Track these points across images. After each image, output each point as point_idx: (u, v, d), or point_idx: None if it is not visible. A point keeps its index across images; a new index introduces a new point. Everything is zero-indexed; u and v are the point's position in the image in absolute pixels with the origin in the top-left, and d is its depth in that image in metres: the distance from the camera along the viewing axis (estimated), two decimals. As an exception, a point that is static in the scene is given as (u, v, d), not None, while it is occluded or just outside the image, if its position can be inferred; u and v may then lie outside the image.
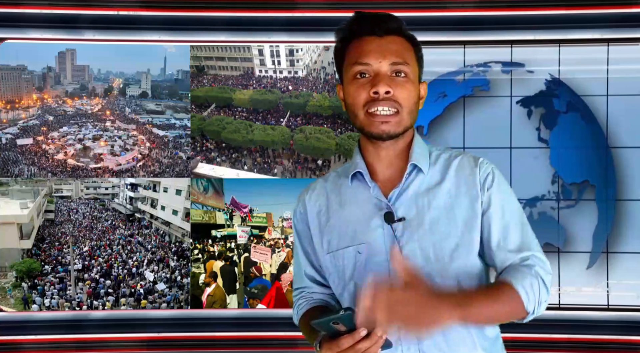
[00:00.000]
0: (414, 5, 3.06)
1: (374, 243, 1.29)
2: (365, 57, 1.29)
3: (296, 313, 1.49)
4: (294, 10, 3.13)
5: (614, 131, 3.09)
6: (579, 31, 3.07)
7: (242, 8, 3.13)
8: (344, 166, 1.43)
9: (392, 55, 1.28)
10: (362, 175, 1.34)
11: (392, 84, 1.26)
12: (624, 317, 3.08)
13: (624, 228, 3.09)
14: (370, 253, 1.28)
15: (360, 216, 1.31)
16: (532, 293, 1.22)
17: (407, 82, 1.29)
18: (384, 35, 1.30)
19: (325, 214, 1.38)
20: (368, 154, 1.36)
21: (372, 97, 1.27)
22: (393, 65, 1.28)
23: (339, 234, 1.34)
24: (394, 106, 1.26)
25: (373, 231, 1.29)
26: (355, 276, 1.30)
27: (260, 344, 3.15)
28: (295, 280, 1.52)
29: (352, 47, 1.33)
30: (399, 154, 1.34)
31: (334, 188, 1.39)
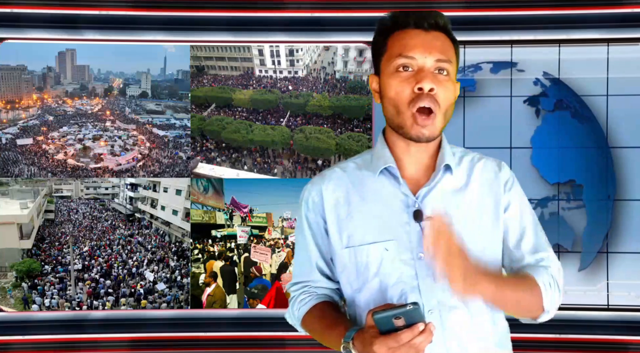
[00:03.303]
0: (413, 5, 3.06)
1: (402, 240, 1.26)
2: (411, 51, 1.24)
3: (297, 308, 1.42)
4: (294, 10, 3.13)
5: (614, 131, 3.09)
6: (579, 31, 3.07)
7: (242, 8, 3.13)
8: (363, 158, 1.38)
9: (437, 51, 1.25)
10: (389, 170, 1.31)
11: (436, 82, 1.23)
12: (624, 317, 3.08)
13: (624, 228, 3.09)
14: (398, 251, 1.25)
15: (387, 212, 1.28)
16: (550, 291, 1.27)
17: (449, 81, 1.26)
18: (430, 30, 1.27)
19: (344, 207, 1.32)
20: (398, 150, 1.32)
21: (416, 94, 1.23)
22: (437, 62, 1.24)
23: (362, 229, 1.29)
24: (434, 104, 1.23)
25: (400, 229, 1.26)
26: (380, 273, 1.27)
27: (260, 344, 3.15)
28: (299, 273, 1.45)
29: (396, 38, 1.29)
30: (429, 152, 1.32)
31: (354, 180, 1.34)
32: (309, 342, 3.15)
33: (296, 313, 1.42)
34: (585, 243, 3.09)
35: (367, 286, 1.29)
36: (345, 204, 1.33)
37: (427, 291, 1.23)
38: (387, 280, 1.26)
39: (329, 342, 1.29)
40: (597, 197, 3.09)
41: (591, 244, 3.09)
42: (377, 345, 1.08)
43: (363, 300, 1.30)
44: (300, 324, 1.42)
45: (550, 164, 3.10)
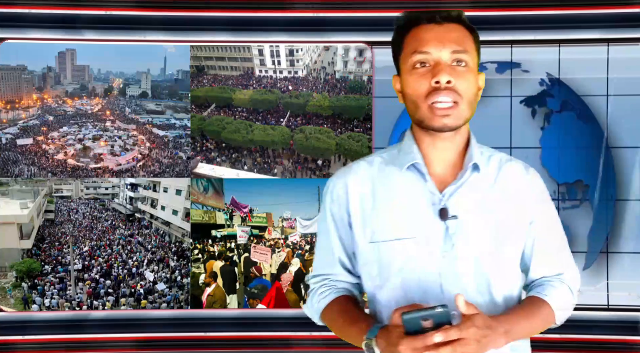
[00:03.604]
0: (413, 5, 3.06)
1: (426, 238, 1.25)
2: (425, 46, 1.24)
3: (317, 301, 1.38)
4: (294, 10, 3.13)
5: (614, 131, 3.09)
6: (579, 31, 3.07)
7: (242, 8, 3.13)
8: (390, 153, 1.37)
9: (452, 43, 1.24)
10: (416, 167, 1.30)
11: (453, 74, 1.22)
12: (624, 317, 3.08)
13: (624, 228, 3.09)
14: (422, 248, 1.25)
15: (412, 209, 1.27)
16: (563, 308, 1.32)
17: (468, 71, 1.25)
18: (443, 23, 1.26)
19: (370, 201, 1.31)
20: (424, 147, 1.31)
21: (433, 88, 1.22)
22: (454, 53, 1.23)
23: (386, 224, 1.28)
24: (454, 96, 1.22)
25: (425, 226, 1.25)
26: (403, 270, 1.26)
27: (260, 344, 3.15)
28: (320, 265, 1.42)
29: (411, 35, 1.28)
30: (456, 149, 1.31)
31: (380, 175, 1.33)
32: (309, 342, 3.15)
33: (315, 305, 1.39)
34: (590, 242, 3.09)
35: (389, 283, 1.28)
36: (370, 199, 1.31)
37: (449, 290, 1.23)
38: (410, 277, 1.25)
39: (349, 337, 1.28)
40: (601, 197, 3.09)
41: (595, 244, 3.09)
42: (403, 345, 1.07)
43: (384, 296, 1.29)
44: (319, 317, 1.40)
45: (559, 164, 3.10)
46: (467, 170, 1.28)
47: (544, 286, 1.33)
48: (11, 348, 3.13)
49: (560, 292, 1.32)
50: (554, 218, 1.36)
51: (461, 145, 1.32)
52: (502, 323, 1.18)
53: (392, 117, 3.12)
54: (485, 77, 1.33)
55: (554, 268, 1.35)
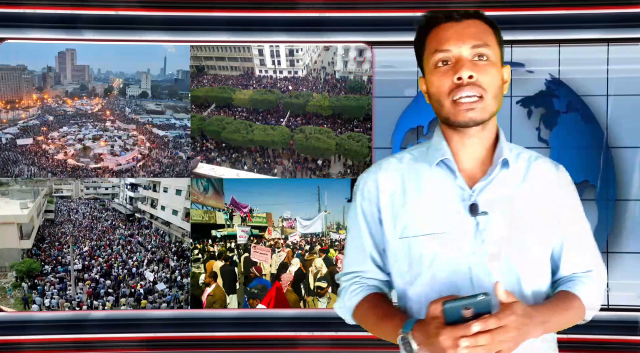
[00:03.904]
0: (413, 5, 3.06)
1: (456, 233, 1.26)
2: (445, 44, 1.25)
3: (348, 298, 1.38)
4: (294, 10, 3.13)
5: (614, 131, 3.09)
6: (579, 31, 3.07)
7: (242, 8, 3.13)
8: (419, 150, 1.38)
9: (471, 38, 1.25)
10: (446, 163, 1.30)
11: (475, 69, 1.23)
12: (624, 317, 3.08)
13: (624, 228, 3.09)
14: (452, 244, 1.25)
15: (442, 205, 1.28)
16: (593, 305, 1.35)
17: (490, 65, 1.25)
18: (461, 20, 1.28)
19: (400, 197, 1.32)
20: (453, 144, 1.32)
21: (456, 84, 1.23)
22: (474, 48, 1.24)
23: (417, 220, 1.29)
24: (478, 91, 1.23)
25: (456, 222, 1.26)
26: (434, 265, 1.26)
27: (260, 344, 3.15)
28: (351, 263, 1.42)
29: (431, 36, 1.30)
30: (484, 145, 1.32)
31: (410, 171, 1.34)
32: (309, 342, 3.15)
33: (347, 303, 1.39)
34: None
35: (419, 278, 1.29)
36: (401, 195, 1.32)
37: (480, 286, 1.23)
38: (440, 273, 1.26)
39: (383, 333, 1.28)
40: (601, 197, 3.09)
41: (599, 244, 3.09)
42: (443, 335, 1.06)
43: (415, 292, 1.30)
44: (351, 315, 1.39)
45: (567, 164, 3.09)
46: (497, 166, 1.28)
47: (574, 281, 1.34)
48: (11, 348, 3.13)
49: (589, 289, 1.34)
50: (582, 216, 1.38)
51: (490, 141, 1.32)
52: (540, 312, 1.19)
53: (392, 117, 3.12)
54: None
55: (583, 265, 1.36)
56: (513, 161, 1.32)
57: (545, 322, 1.19)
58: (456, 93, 1.23)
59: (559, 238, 1.34)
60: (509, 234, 1.26)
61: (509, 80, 1.33)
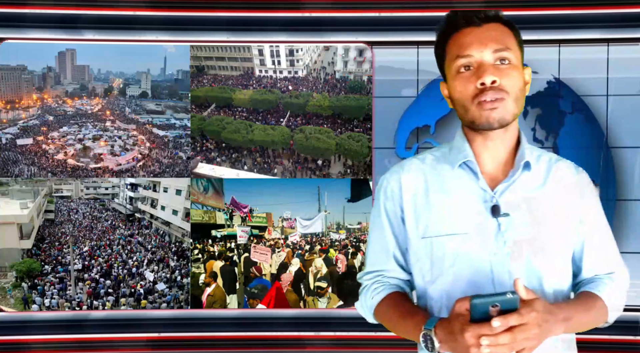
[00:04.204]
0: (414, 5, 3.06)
1: (478, 234, 1.27)
2: (466, 49, 1.26)
3: (371, 297, 1.38)
4: (294, 10, 3.13)
5: (614, 131, 3.09)
6: (579, 31, 3.07)
7: (242, 8, 3.13)
8: (441, 151, 1.39)
9: (493, 42, 1.26)
10: (468, 164, 1.32)
11: (497, 73, 1.24)
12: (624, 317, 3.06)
13: (624, 228, 3.09)
14: (473, 244, 1.26)
15: (464, 206, 1.29)
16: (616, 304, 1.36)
17: (512, 68, 1.26)
18: (482, 24, 1.28)
19: (422, 197, 1.33)
20: (475, 145, 1.33)
21: (479, 89, 1.24)
22: (496, 52, 1.25)
23: (439, 220, 1.30)
24: (501, 95, 1.24)
25: (477, 223, 1.27)
26: (456, 265, 1.27)
27: (260, 344, 3.15)
28: (374, 262, 1.41)
29: (452, 41, 1.30)
30: (506, 147, 1.33)
31: (432, 172, 1.35)
32: (309, 342, 3.15)
33: (369, 302, 1.39)
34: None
35: (441, 278, 1.29)
36: (423, 195, 1.33)
37: (501, 286, 1.24)
38: (462, 272, 1.26)
39: (405, 331, 1.28)
40: (604, 197, 3.09)
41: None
42: (469, 332, 1.06)
43: (436, 291, 1.31)
44: (372, 313, 1.39)
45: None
46: (519, 168, 1.29)
47: (596, 283, 1.35)
48: (11, 348, 3.13)
49: (612, 290, 1.34)
50: (602, 218, 1.38)
51: (511, 144, 1.33)
52: (562, 310, 1.19)
53: (392, 117, 3.12)
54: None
55: (605, 267, 1.36)
56: (534, 163, 1.33)
57: (567, 319, 1.18)
58: (480, 98, 1.24)
59: (580, 240, 1.35)
60: (530, 235, 1.27)
61: (529, 81, 1.34)
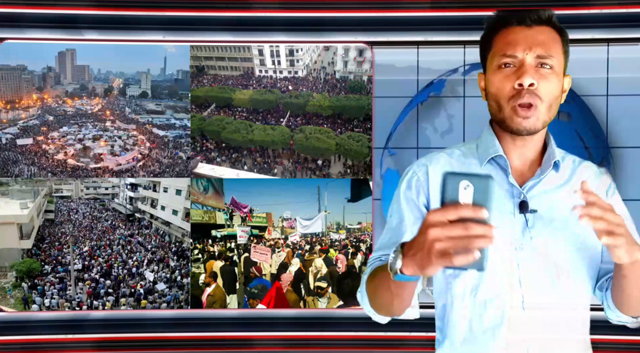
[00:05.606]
0: (414, 5, 3.06)
1: (504, 229, 1.28)
2: (513, 48, 1.28)
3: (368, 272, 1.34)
4: (294, 10, 3.13)
5: (614, 131, 3.09)
6: (579, 31, 3.07)
7: (242, 8, 3.13)
8: (467, 146, 1.41)
9: (538, 47, 1.27)
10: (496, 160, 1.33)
11: (537, 76, 1.25)
12: (624, 317, 3.07)
13: (624, 228, 3.09)
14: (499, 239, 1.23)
15: None
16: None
17: (552, 74, 1.28)
18: (532, 25, 1.30)
19: None
20: (503, 143, 1.35)
21: (516, 90, 1.26)
22: (538, 58, 1.27)
23: None
24: (535, 100, 1.25)
25: (504, 218, 1.29)
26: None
27: (260, 344, 3.15)
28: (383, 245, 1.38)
29: (500, 36, 1.32)
30: (534, 147, 1.35)
31: (460, 166, 1.36)
32: (309, 342, 3.15)
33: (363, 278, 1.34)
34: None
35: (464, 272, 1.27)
36: None
37: (527, 282, 1.25)
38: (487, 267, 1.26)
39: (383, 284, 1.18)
40: (604, 197, 3.09)
41: (598, 243, 3.09)
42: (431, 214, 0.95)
43: (459, 285, 1.31)
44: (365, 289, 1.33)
45: None
46: (549, 167, 1.32)
47: None
48: (11, 348, 3.13)
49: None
50: (628, 218, 1.39)
51: (540, 143, 1.36)
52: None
53: (392, 117, 3.12)
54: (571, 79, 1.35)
55: None
56: (560, 164, 1.36)
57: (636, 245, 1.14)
58: (516, 100, 1.26)
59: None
60: (556, 233, 1.29)
61: (567, 89, 1.35)
